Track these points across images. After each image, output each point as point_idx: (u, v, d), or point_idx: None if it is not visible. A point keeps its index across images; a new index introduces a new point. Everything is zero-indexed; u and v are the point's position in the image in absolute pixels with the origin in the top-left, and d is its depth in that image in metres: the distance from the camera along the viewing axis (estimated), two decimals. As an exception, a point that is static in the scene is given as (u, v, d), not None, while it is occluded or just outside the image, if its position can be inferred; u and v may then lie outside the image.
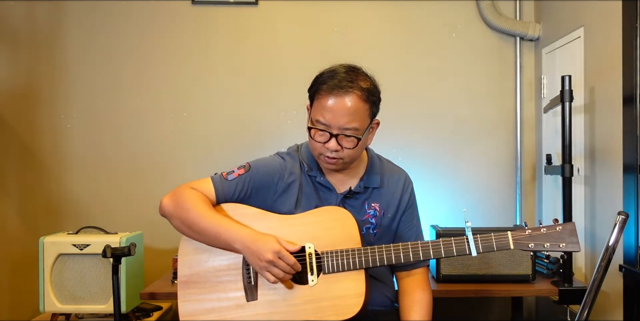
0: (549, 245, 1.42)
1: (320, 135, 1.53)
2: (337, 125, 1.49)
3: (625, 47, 2.13)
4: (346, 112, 1.48)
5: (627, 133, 2.11)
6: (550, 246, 1.42)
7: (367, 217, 1.63)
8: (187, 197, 1.54)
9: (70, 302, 2.42)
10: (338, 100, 1.48)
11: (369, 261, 1.48)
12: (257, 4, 3.04)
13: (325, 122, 1.50)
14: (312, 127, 1.53)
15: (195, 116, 3.04)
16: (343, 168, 1.60)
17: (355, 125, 1.50)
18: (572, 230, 1.42)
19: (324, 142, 1.52)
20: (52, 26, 3.01)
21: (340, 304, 1.45)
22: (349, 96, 1.48)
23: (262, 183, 1.60)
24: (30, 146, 3.00)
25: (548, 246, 1.42)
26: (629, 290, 2.09)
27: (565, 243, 1.41)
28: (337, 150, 1.51)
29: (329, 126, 1.50)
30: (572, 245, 1.41)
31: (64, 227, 2.90)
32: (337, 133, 1.50)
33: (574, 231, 1.42)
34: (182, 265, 1.57)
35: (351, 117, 1.49)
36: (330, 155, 1.53)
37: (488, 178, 3.06)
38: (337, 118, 1.48)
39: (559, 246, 1.41)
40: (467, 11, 3.06)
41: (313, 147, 1.57)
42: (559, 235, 1.42)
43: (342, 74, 1.51)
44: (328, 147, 1.51)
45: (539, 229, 1.44)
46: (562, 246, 1.41)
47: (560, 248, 1.41)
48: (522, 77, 3.06)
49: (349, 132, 1.50)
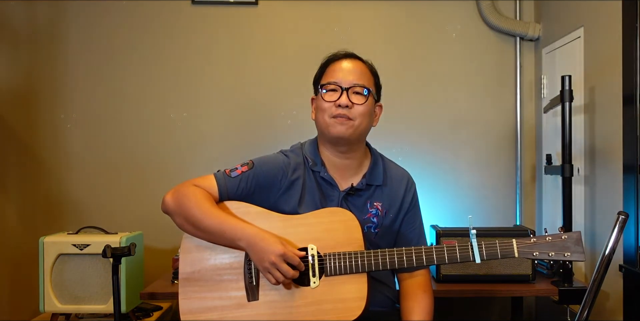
0: (553, 254, 1.42)
1: (330, 95, 1.60)
2: (347, 81, 1.60)
3: (625, 47, 2.12)
4: (355, 70, 1.61)
5: (627, 133, 2.11)
6: (555, 255, 1.42)
7: (369, 216, 1.63)
8: (190, 193, 1.54)
9: (70, 302, 2.42)
10: (347, 62, 1.63)
11: (372, 264, 1.47)
12: (257, 4, 3.04)
13: (335, 81, 1.60)
14: (324, 85, 1.61)
15: (195, 116, 3.04)
16: (351, 135, 1.59)
17: (363, 83, 1.61)
18: (578, 239, 1.42)
19: (335, 100, 1.58)
20: (52, 26, 3.01)
21: (341, 307, 1.45)
22: (356, 61, 1.65)
23: (265, 181, 1.60)
24: (30, 146, 3.00)
25: (553, 255, 1.42)
26: (629, 290, 2.08)
27: (570, 253, 1.42)
28: (347, 105, 1.57)
29: (340, 83, 1.60)
30: (577, 255, 1.41)
31: (64, 227, 2.90)
32: (348, 87, 1.58)
33: (579, 240, 1.42)
34: (184, 262, 1.56)
35: (359, 75, 1.61)
36: (341, 112, 1.57)
37: (488, 178, 3.06)
38: (347, 75, 1.60)
39: (564, 255, 1.42)
40: (467, 11, 3.06)
41: (323, 110, 1.61)
42: (564, 243, 1.42)
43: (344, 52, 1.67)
44: (340, 103, 1.57)
45: (544, 237, 1.44)
46: (567, 256, 1.42)
47: (565, 257, 1.42)
48: (522, 77, 3.06)
49: (359, 89, 1.59)
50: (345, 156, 1.65)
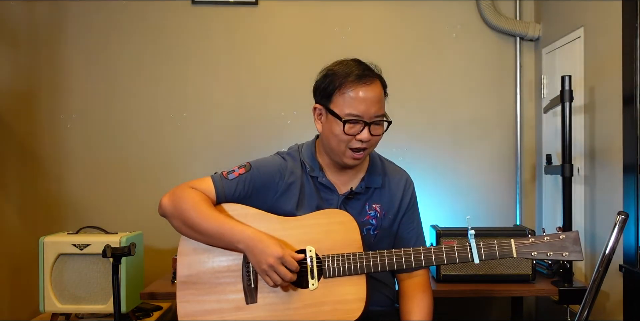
0: (552, 254, 1.43)
1: (351, 127, 1.52)
2: (369, 114, 1.51)
3: (625, 47, 2.12)
4: (377, 100, 1.52)
5: (627, 133, 2.11)
6: (553, 255, 1.43)
7: (367, 218, 1.62)
8: (187, 196, 1.53)
9: (70, 302, 2.42)
10: (368, 89, 1.51)
11: (370, 266, 1.47)
12: (257, 4, 3.04)
13: (358, 113, 1.50)
14: (346, 121, 1.51)
15: (195, 116, 3.04)
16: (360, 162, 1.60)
17: (383, 112, 1.55)
18: (576, 238, 1.43)
19: (355, 134, 1.52)
20: (52, 26, 3.01)
21: (340, 309, 1.45)
22: (374, 83, 1.53)
23: (262, 183, 1.59)
24: (30, 146, 3.00)
25: (551, 255, 1.43)
26: (629, 290, 2.08)
27: (569, 252, 1.42)
28: (368, 140, 1.53)
29: (362, 116, 1.51)
30: (575, 254, 1.42)
31: (64, 227, 2.91)
32: (370, 122, 1.52)
33: (577, 240, 1.43)
34: (181, 265, 1.55)
35: (380, 104, 1.53)
36: (361, 146, 1.53)
37: (488, 178, 3.06)
38: (369, 108, 1.51)
39: (562, 255, 1.43)
40: (467, 11, 3.06)
41: (340, 141, 1.53)
42: (562, 243, 1.43)
43: (357, 65, 1.54)
44: (361, 138, 1.52)
45: (542, 237, 1.44)
46: (565, 255, 1.42)
47: (564, 257, 1.43)
48: (522, 77, 3.06)
49: (378, 119, 1.53)
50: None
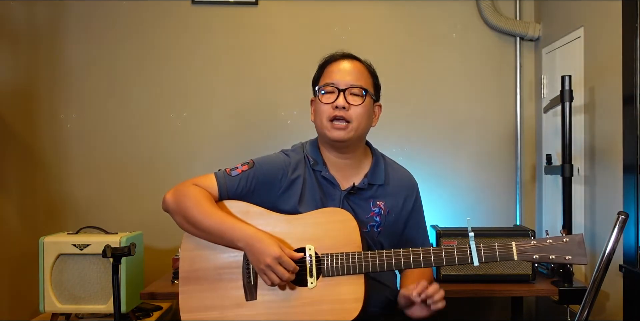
0: (554, 257, 1.38)
1: (328, 97, 1.59)
2: (344, 82, 1.58)
3: (625, 47, 2.12)
4: (353, 71, 1.60)
5: (627, 133, 2.11)
6: (555, 258, 1.38)
7: (372, 215, 1.63)
8: (189, 193, 1.55)
9: (70, 302, 2.42)
10: (345, 62, 1.62)
11: (369, 266, 1.47)
12: (257, 4, 3.04)
13: (332, 82, 1.59)
14: (320, 86, 1.60)
15: (195, 116, 3.04)
16: (350, 139, 1.59)
17: (361, 83, 1.59)
18: (580, 242, 1.38)
19: (332, 102, 1.57)
20: (52, 26, 3.01)
21: (338, 308, 1.45)
22: (354, 61, 1.63)
23: (265, 180, 1.60)
24: (30, 146, 3.00)
25: (553, 258, 1.38)
26: (629, 290, 2.08)
27: (572, 256, 1.37)
28: (344, 106, 1.56)
29: (337, 84, 1.58)
30: (579, 258, 1.37)
31: (64, 227, 2.90)
32: (345, 88, 1.57)
33: (582, 243, 1.37)
34: (184, 261, 1.57)
35: (357, 75, 1.60)
36: (339, 114, 1.56)
37: (488, 178, 3.06)
38: (344, 76, 1.59)
39: (565, 259, 1.37)
40: (467, 11, 3.06)
41: (322, 115, 1.59)
42: (566, 246, 1.38)
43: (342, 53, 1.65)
44: (337, 104, 1.56)
45: (544, 240, 1.40)
46: (568, 259, 1.37)
47: (567, 260, 1.37)
48: (522, 77, 3.06)
49: (356, 90, 1.58)
50: (345, 156, 1.65)
